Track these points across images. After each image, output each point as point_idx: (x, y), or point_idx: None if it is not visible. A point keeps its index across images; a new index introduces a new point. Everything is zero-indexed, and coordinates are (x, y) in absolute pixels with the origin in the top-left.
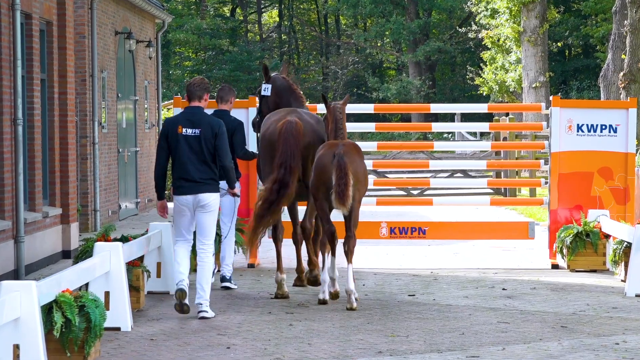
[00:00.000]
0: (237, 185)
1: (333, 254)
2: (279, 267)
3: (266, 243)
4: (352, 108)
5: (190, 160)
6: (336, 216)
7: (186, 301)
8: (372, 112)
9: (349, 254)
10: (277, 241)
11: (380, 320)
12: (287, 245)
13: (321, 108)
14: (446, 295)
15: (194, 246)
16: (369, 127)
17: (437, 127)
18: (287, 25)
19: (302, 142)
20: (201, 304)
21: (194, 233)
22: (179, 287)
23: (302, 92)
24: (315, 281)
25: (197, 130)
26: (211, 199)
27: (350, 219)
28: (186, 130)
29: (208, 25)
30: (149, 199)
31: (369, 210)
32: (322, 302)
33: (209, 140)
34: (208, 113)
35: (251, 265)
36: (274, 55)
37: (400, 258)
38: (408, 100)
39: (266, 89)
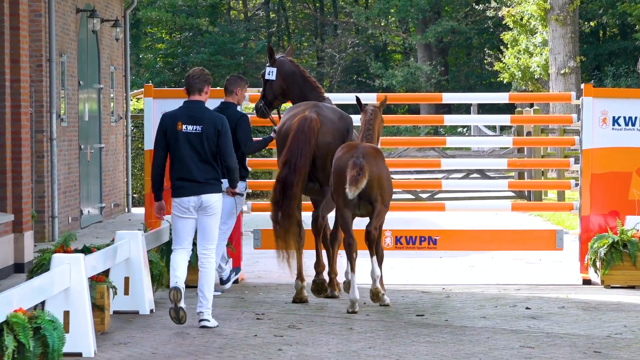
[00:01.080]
0: (242, 184)
1: (353, 270)
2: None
3: (252, 255)
4: (351, 98)
5: (192, 159)
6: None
7: (182, 304)
8: (375, 102)
9: (371, 246)
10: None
11: (383, 344)
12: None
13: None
14: (460, 315)
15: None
16: None
17: (450, 119)
18: (276, 2)
19: (316, 141)
20: (202, 312)
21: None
22: (174, 286)
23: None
24: (318, 289)
25: (199, 127)
26: (214, 200)
27: (373, 216)
28: (186, 127)
29: (184, 2)
30: (115, 204)
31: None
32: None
33: (212, 137)
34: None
35: (234, 281)
36: (261, 36)
37: (408, 272)
38: (416, 89)
39: (271, 73)
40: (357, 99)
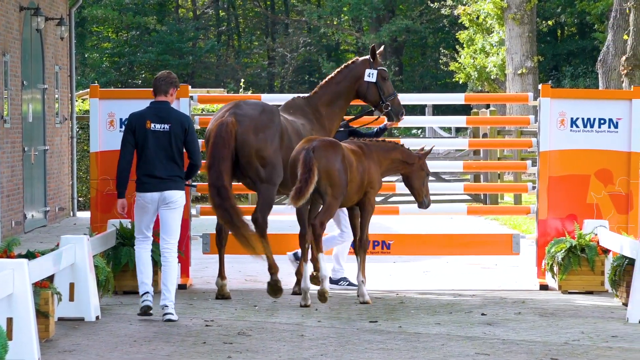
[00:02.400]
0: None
1: (305, 261)
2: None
3: (200, 260)
4: None
5: (158, 157)
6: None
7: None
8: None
9: (316, 241)
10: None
11: (336, 351)
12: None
13: (266, 98)
14: (414, 321)
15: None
16: None
17: (404, 121)
18: (225, 0)
19: (235, 142)
20: (167, 306)
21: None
22: (145, 305)
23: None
24: (274, 290)
25: (167, 126)
26: (177, 196)
27: (322, 209)
28: (155, 126)
29: (131, 0)
30: (60, 207)
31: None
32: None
33: (179, 136)
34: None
35: (182, 286)
36: (210, 35)
37: None
38: None
39: (371, 75)
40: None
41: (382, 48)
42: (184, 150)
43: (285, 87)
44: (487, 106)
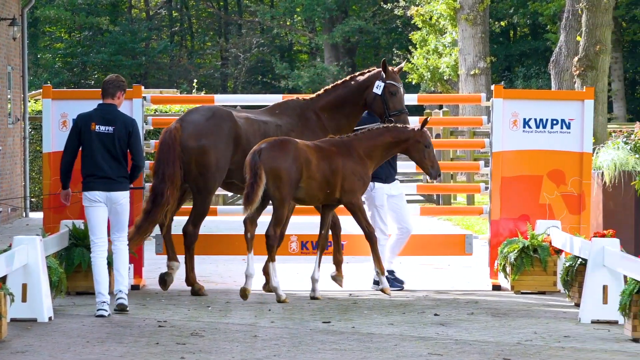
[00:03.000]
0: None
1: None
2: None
3: (153, 261)
4: (256, 99)
5: (103, 158)
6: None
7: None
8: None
9: (270, 250)
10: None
11: (289, 352)
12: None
13: (219, 99)
14: (368, 322)
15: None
16: None
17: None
18: (178, 1)
19: (180, 147)
20: (121, 291)
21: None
22: (100, 314)
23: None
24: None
25: (111, 128)
26: (122, 197)
27: (273, 216)
28: (99, 128)
29: (84, 0)
30: (12, 208)
31: None
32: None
33: (123, 138)
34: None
35: (135, 287)
36: (163, 35)
37: None
38: None
39: (378, 87)
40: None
41: (399, 66)
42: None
43: (238, 88)
44: (440, 107)
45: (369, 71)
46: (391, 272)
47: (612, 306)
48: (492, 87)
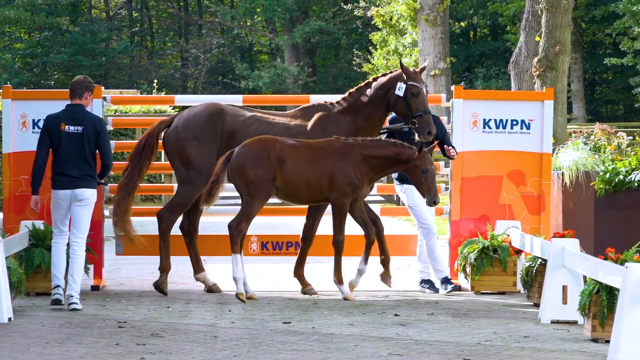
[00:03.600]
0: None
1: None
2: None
3: (114, 262)
4: (217, 100)
5: (71, 157)
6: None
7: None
8: (241, 104)
9: (233, 242)
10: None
11: (249, 352)
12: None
13: (180, 99)
14: (328, 322)
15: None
16: None
17: None
18: (139, 1)
19: (163, 140)
20: (72, 296)
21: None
22: (55, 297)
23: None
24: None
25: (80, 128)
26: (88, 194)
27: (240, 210)
28: (69, 128)
29: (44, 0)
30: None
31: None
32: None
33: (91, 137)
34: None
35: (95, 288)
36: (123, 36)
37: (274, 278)
38: (283, 90)
39: (400, 88)
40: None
41: (421, 67)
42: (97, 151)
43: (198, 88)
44: None
45: (390, 72)
46: (427, 281)
47: (572, 306)
48: (452, 87)
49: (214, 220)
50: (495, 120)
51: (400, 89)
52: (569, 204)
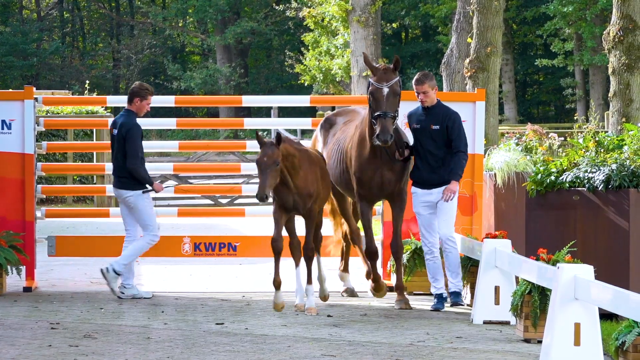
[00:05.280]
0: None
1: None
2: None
3: (45, 262)
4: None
5: (116, 159)
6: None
7: None
8: (173, 105)
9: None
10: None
11: (182, 354)
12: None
13: (112, 100)
14: (261, 323)
15: None
16: (170, 123)
17: (250, 123)
18: (70, 1)
19: None
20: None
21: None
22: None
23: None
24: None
25: (115, 131)
26: (126, 195)
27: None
28: (114, 131)
29: None
30: None
31: (169, 223)
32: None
33: (121, 141)
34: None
35: (28, 289)
36: (54, 36)
37: (207, 279)
38: (215, 91)
39: (369, 86)
40: (257, 136)
41: (394, 62)
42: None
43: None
44: (333, 108)
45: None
46: (456, 294)
47: (504, 307)
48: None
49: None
50: None
51: (369, 87)
52: (501, 204)
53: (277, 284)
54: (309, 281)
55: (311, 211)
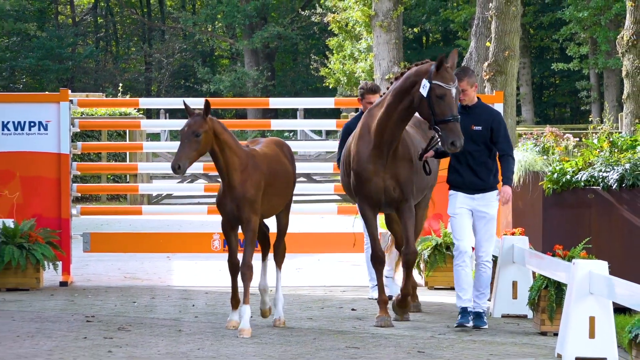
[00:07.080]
0: None
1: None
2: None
3: (81, 258)
4: (179, 103)
5: None
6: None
7: None
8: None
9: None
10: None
11: (212, 346)
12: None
13: (144, 102)
14: (287, 316)
15: None
16: None
17: (276, 124)
18: (103, 7)
19: None
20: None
21: None
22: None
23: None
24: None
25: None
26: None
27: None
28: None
29: (12, 6)
30: None
31: (198, 221)
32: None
33: None
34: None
35: (64, 284)
36: (89, 41)
37: None
38: (243, 93)
39: (424, 86)
40: (185, 104)
41: (451, 59)
42: None
43: (162, 92)
44: (356, 110)
45: (422, 63)
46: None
47: (521, 301)
48: None
49: (178, 219)
50: None
51: (424, 87)
52: (519, 203)
53: (234, 302)
54: (245, 300)
55: (250, 222)
